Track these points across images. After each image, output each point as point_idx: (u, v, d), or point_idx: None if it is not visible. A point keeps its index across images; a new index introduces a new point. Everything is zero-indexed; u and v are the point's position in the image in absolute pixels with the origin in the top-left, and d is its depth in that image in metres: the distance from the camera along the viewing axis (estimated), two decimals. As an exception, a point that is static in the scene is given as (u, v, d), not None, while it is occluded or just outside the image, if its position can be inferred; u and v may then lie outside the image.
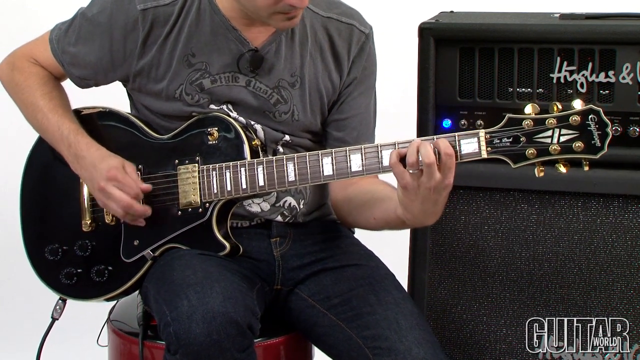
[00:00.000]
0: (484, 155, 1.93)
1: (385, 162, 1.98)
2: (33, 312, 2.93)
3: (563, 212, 2.31)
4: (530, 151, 1.91)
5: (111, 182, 2.11)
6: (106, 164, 2.14)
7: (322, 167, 2.04)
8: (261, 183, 2.08)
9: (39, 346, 2.35)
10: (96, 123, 2.25)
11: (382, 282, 2.19)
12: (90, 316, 2.51)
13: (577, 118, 1.88)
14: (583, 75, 2.24)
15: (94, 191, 2.15)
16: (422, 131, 2.33)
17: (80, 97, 2.32)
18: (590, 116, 1.88)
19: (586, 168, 1.91)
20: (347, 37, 2.23)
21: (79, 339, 2.53)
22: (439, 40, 2.31)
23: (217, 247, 2.14)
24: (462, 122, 2.32)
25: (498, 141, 1.92)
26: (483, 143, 1.93)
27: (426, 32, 2.31)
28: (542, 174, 1.93)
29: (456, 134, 1.94)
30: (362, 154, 2.00)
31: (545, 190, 2.31)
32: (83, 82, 2.27)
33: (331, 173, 2.03)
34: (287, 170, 2.06)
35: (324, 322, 2.17)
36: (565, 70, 2.25)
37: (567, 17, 2.34)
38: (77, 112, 2.27)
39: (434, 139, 1.93)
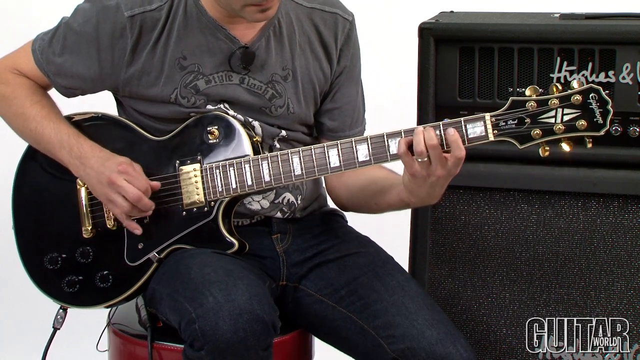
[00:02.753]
0: (491, 137, 1.96)
1: (393, 151, 2.00)
2: (34, 321, 2.92)
3: (563, 212, 2.31)
4: (536, 132, 1.94)
5: (122, 175, 2.10)
6: (115, 159, 2.13)
7: (329, 159, 2.05)
8: (267, 178, 2.09)
9: (42, 358, 2.32)
10: (89, 129, 2.22)
11: (384, 267, 2.21)
12: (86, 321, 2.48)
13: (578, 97, 1.91)
14: (583, 75, 2.24)
15: (101, 186, 2.12)
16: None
17: (68, 105, 2.29)
18: (591, 95, 1.91)
19: (589, 145, 1.94)
20: (333, 26, 2.25)
21: (76, 344, 2.52)
22: (439, 40, 2.31)
23: (225, 245, 2.13)
24: (462, 122, 2.32)
25: (504, 123, 1.95)
26: (489, 126, 1.96)
27: (426, 32, 2.31)
28: (547, 154, 1.95)
29: (462, 118, 1.97)
30: (368, 143, 2.02)
31: (545, 190, 2.31)
32: (69, 92, 2.24)
33: (338, 164, 2.05)
34: (292, 164, 2.07)
35: (335, 316, 2.18)
36: (565, 70, 2.26)
37: (567, 17, 2.34)
38: (68, 119, 2.24)
39: (440, 125, 1.96)
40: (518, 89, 2.28)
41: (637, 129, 2.24)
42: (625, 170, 2.26)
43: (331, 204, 2.42)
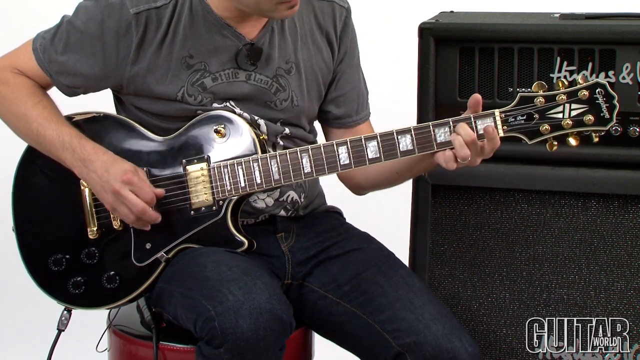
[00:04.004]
0: (501, 133, 1.99)
1: (402, 148, 2.03)
2: (35, 322, 2.89)
3: (563, 212, 2.31)
4: (545, 127, 1.98)
5: (127, 186, 2.09)
6: (120, 167, 2.11)
7: (338, 156, 2.06)
8: (276, 177, 2.10)
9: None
10: (91, 129, 2.20)
11: (387, 262, 2.22)
12: (86, 322, 2.46)
13: (585, 92, 1.95)
14: (583, 75, 2.24)
15: (105, 194, 2.11)
16: (422, 131, 2.33)
17: (65, 105, 2.26)
18: (597, 90, 1.96)
19: (596, 139, 1.98)
20: (331, 14, 2.27)
21: (76, 344, 2.51)
22: (439, 40, 2.31)
23: (235, 244, 2.14)
24: (462, 122, 2.32)
25: (513, 119, 1.98)
26: (499, 122, 1.99)
27: (426, 32, 2.31)
28: (554, 149, 1.98)
29: (471, 114, 1.99)
30: (378, 141, 2.04)
31: (545, 190, 2.31)
32: (71, 91, 2.23)
33: (348, 162, 2.06)
34: (302, 162, 2.08)
35: (338, 311, 2.18)
36: (565, 70, 2.26)
37: (567, 17, 2.34)
38: (69, 119, 2.22)
39: (449, 122, 1.99)
40: (518, 89, 2.28)
41: (637, 129, 2.24)
42: (625, 170, 2.26)
43: (329, 202, 2.44)
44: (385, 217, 3.28)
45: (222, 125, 2.14)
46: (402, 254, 2.39)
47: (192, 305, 2.02)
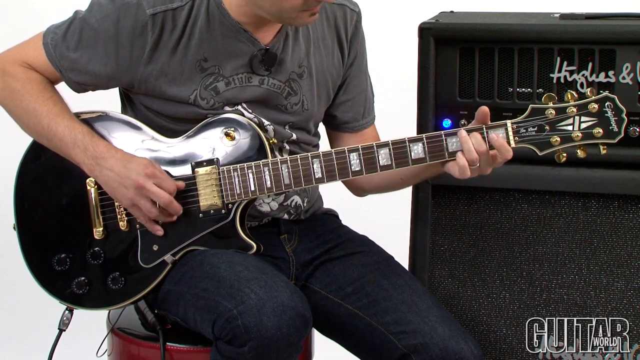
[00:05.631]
0: (512, 144, 2.02)
1: (414, 155, 2.04)
2: (37, 321, 2.87)
3: (563, 212, 2.31)
4: (555, 139, 2.01)
5: (150, 179, 2.08)
6: (138, 161, 2.10)
7: (350, 162, 2.07)
8: (287, 181, 2.10)
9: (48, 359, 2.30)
10: (98, 128, 2.19)
11: (389, 266, 2.23)
12: (85, 322, 2.46)
13: (595, 106, 1.99)
14: (583, 75, 2.24)
15: (125, 190, 2.09)
16: (422, 131, 2.32)
17: (69, 101, 2.25)
18: (606, 103, 1.99)
19: (603, 151, 2.01)
20: (342, 18, 2.28)
21: (75, 345, 2.51)
22: (439, 40, 2.31)
23: (243, 247, 2.14)
24: (462, 122, 2.32)
25: (524, 131, 2.01)
26: (511, 133, 2.01)
27: (426, 32, 2.31)
28: (563, 160, 2.02)
29: (484, 125, 2.01)
30: (390, 148, 2.05)
31: (545, 191, 2.31)
32: (80, 87, 2.21)
33: (359, 168, 2.07)
34: (313, 167, 2.08)
35: (340, 312, 2.19)
36: (565, 70, 2.25)
37: (567, 17, 2.34)
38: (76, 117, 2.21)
39: (461, 130, 2.01)
40: (518, 89, 2.28)
41: (637, 129, 2.24)
42: (625, 170, 2.26)
43: (326, 203, 2.44)
44: (385, 218, 3.28)
45: (232, 129, 2.14)
46: (402, 254, 2.40)
47: (210, 306, 2.01)
